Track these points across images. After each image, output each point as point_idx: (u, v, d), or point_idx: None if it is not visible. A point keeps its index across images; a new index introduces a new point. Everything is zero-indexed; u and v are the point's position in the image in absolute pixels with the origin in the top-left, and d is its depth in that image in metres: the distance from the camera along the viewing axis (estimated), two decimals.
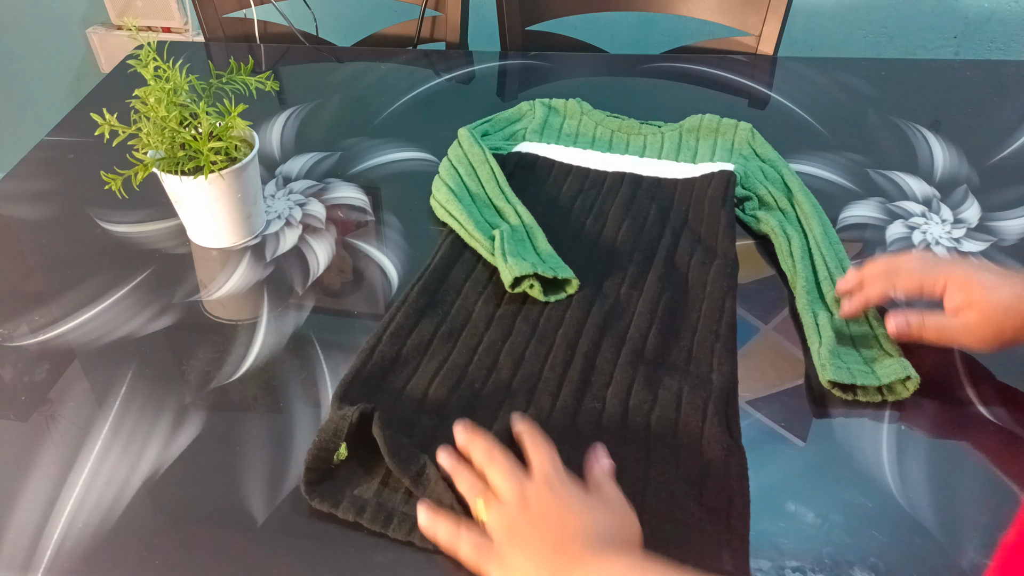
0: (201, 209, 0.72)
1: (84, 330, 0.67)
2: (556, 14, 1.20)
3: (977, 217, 0.77)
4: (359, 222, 0.79)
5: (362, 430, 0.54)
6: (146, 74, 0.67)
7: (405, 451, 0.52)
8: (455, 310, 0.66)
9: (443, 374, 0.60)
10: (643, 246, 0.72)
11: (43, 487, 0.55)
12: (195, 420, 0.59)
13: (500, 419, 0.57)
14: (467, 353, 0.62)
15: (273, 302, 0.70)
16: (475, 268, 0.70)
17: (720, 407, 0.57)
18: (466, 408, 0.58)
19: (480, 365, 0.61)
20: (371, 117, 0.96)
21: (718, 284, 0.68)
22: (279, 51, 1.13)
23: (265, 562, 0.50)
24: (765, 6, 1.10)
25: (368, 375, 0.59)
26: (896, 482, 0.54)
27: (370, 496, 0.52)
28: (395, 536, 0.50)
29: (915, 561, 0.49)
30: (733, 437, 0.55)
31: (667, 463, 0.54)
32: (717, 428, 0.55)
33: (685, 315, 0.66)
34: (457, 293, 0.67)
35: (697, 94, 1.00)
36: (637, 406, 0.58)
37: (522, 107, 0.91)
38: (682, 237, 0.73)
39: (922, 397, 0.59)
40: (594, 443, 0.54)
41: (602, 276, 0.69)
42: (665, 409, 0.57)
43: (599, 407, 0.58)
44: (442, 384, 0.59)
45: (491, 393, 0.59)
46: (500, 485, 0.50)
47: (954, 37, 1.41)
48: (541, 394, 0.59)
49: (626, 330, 0.64)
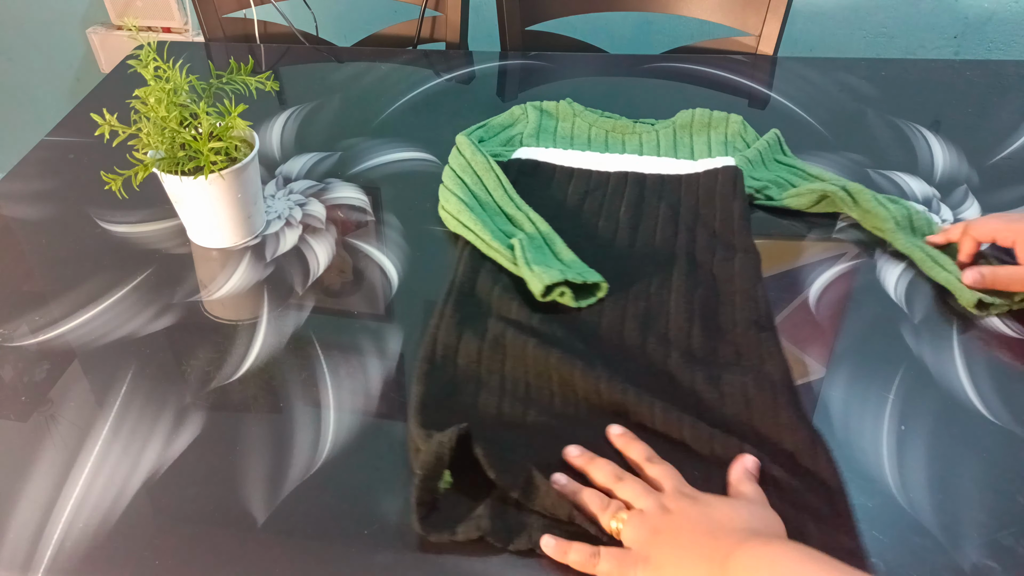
0: (201, 209, 0.72)
1: (84, 330, 0.67)
2: (556, 14, 1.20)
3: (977, 217, 0.77)
4: (359, 222, 0.79)
5: (455, 452, 0.52)
6: (146, 74, 0.67)
7: (508, 464, 0.51)
8: (492, 322, 0.64)
9: (510, 388, 0.59)
10: (661, 245, 0.72)
11: (43, 487, 0.55)
12: (195, 420, 0.59)
13: (588, 431, 0.56)
14: (521, 362, 0.61)
15: (273, 302, 0.70)
16: (500, 277, 0.69)
17: (786, 394, 0.57)
18: (545, 419, 0.57)
19: (540, 375, 0.60)
20: (371, 117, 0.96)
21: (746, 276, 0.68)
22: (279, 51, 1.13)
23: (265, 562, 0.50)
24: (765, 6, 1.10)
25: (438, 398, 0.58)
26: (896, 482, 0.54)
27: (485, 513, 0.50)
28: (517, 548, 0.49)
29: (915, 561, 0.49)
30: (808, 420, 0.56)
31: (756, 457, 0.53)
32: (793, 415, 0.55)
33: (721, 310, 0.65)
34: (489, 306, 0.66)
35: (697, 94, 1.00)
36: (707, 405, 0.57)
37: (514, 111, 0.91)
38: (697, 234, 0.73)
39: (922, 397, 0.59)
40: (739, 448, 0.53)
41: (627, 279, 0.68)
42: (736, 406, 0.57)
43: (674, 411, 0.56)
44: (513, 396, 0.58)
45: (564, 402, 0.58)
46: (636, 498, 0.49)
47: (954, 37, 1.41)
48: (608, 401, 0.57)
49: (666, 330, 0.64)
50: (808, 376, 0.61)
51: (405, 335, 0.66)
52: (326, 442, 0.57)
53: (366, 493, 0.54)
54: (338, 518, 0.52)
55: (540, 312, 0.65)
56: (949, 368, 0.61)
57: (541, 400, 0.58)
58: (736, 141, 0.85)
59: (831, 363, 0.62)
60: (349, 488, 0.54)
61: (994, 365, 0.62)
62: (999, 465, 0.55)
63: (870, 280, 0.70)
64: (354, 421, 0.59)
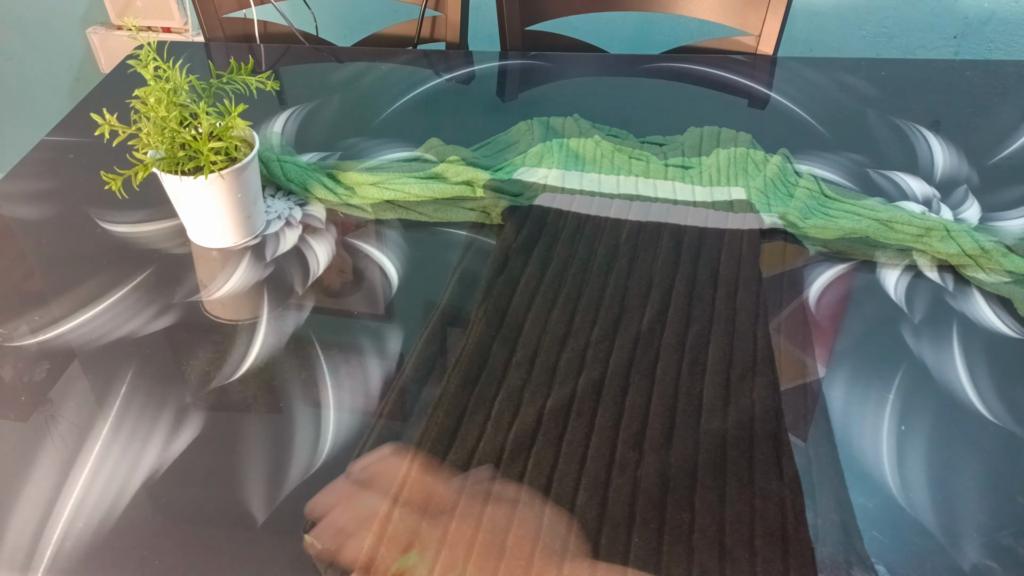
0: (201, 209, 0.72)
1: (84, 330, 0.67)
2: (556, 14, 1.20)
3: (977, 217, 0.77)
4: (359, 222, 0.79)
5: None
6: (146, 74, 0.67)
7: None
8: (466, 356, 0.62)
9: (465, 423, 0.57)
10: (660, 277, 0.70)
11: (43, 487, 0.55)
12: (195, 420, 0.59)
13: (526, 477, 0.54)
14: (486, 405, 0.59)
15: (273, 302, 0.70)
16: (487, 309, 0.67)
17: (767, 448, 0.55)
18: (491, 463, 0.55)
19: (499, 416, 0.58)
20: (371, 117, 0.96)
21: (745, 315, 0.65)
22: (279, 51, 1.13)
23: (265, 562, 0.50)
24: (765, 6, 1.10)
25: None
26: (896, 482, 0.54)
27: None
28: None
29: (915, 561, 0.49)
30: (784, 479, 0.53)
31: (713, 514, 0.51)
32: (764, 473, 0.53)
33: (714, 351, 0.62)
34: (468, 336, 0.64)
35: (697, 94, 1.00)
36: (680, 458, 0.55)
37: (520, 128, 0.90)
38: (699, 267, 0.71)
39: (922, 397, 0.59)
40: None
41: (619, 309, 0.67)
42: (712, 455, 0.55)
43: (635, 457, 0.55)
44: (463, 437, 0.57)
45: (515, 446, 0.56)
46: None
47: (954, 37, 1.41)
48: (570, 445, 0.55)
49: (653, 368, 0.61)
50: (808, 376, 0.61)
51: (405, 335, 0.66)
52: (326, 442, 0.57)
53: None
54: None
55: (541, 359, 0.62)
56: (949, 368, 0.61)
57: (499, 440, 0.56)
58: (747, 164, 0.83)
59: (831, 363, 0.62)
60: None
61: (994, 365, 0.62)
62: (999, 465, 0.55)
63: (870, 280, 0.70)
64: (354, 421, 0.59)
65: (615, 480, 0.53)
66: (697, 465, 0.54)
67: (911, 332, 0.65)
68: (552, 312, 0.67)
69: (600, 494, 0.53)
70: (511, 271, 0.71)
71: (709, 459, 0.55)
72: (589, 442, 0.56)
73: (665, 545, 0.50)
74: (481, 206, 0.79)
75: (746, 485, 0.53)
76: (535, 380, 0.61)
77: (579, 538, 0.50)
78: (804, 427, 0.58)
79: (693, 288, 0.69)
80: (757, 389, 0.59)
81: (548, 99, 0.99)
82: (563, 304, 0.67)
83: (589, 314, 0.66)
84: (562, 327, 0.65)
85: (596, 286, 0.69)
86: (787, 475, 0.53)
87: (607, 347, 0.63)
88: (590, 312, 0.67)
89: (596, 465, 0.54)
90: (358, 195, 0.80)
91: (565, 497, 0.52)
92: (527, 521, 0.50)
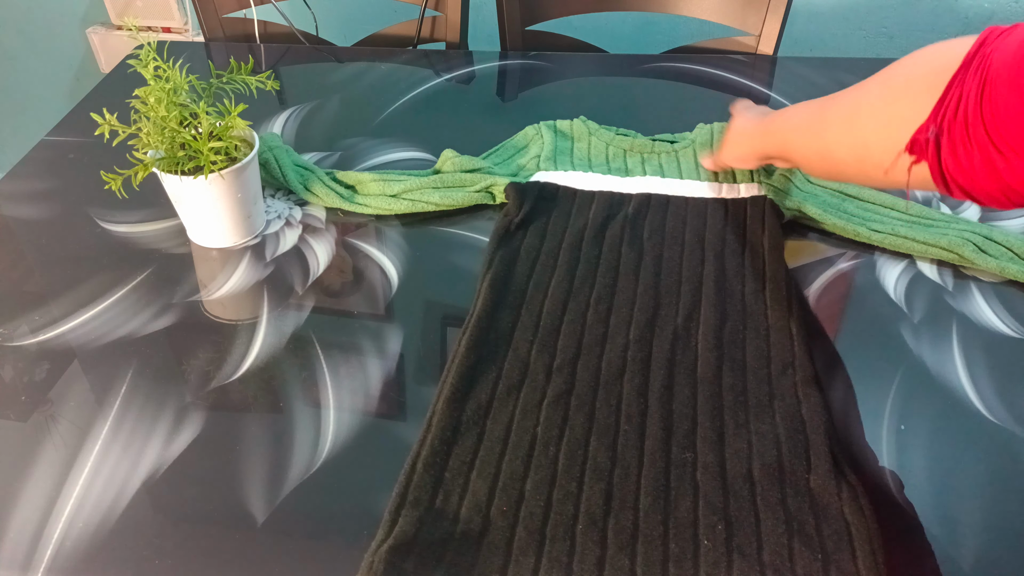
0: (201, 209, 0.72)
1: (84, 330, 0.67)
2: (556, 14, 1.20)
3: (977, 217, 0.77)
4: (359, 222, 0.79)
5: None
6: (146, 74, 0.67)
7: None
8: (508, 364, 0.61)
9: (512, 442, 0.55)
10: (688, 274, 0.69)
11: (43, 487, 0.55)
12: (195, 420, 0.59)
13: (586, 490, 0.53)
14: (533, 412, 0.57)
15: (273, 302, 0.70)
16: (520, 315, 0.65)
17: (821, 448, 0.53)
18: (547, 479, 0.53)
19: (550, 424, 0.56)
20: (371, 117, 0.96)
21: (778, 312, 0.64)
22: (279, 51, 1.13)
23: (265, 562, 0.50)
24: (765, 6, 1.10)
25: (432, 451, 0.54)
26: (896, 482, 0.54)
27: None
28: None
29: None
30: (846, 479, 0.52)
31: (777, 517, 0.50)
32: (825, 474, 0.52)
33: (751, 348, 0.62)
34: (508, 345, 0.63)
35: (697, 94, 1.00)
36: (734, 456, 0.54)
37: (528, 132, 0.88)
38: (726, 262, 0.70)
39: (922, 397, 0.59)
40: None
41: (652, 308, 0.66)
42: (765, 457, 0.54)
43: (690, 457, 0.54)
44: (515, 454, 0.55)
45: (569, 455, 0.54)
46: None
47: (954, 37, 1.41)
48: (624, 450, 0.55)
49: (694, 367, 0.60)
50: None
51: (405, 335, 0.66)
52: (326, 442, 0.57)
53: (366, 493, 0.54)
54: (338, 518, 0.52)
55: (560, 354, 0.62)
56: (949, 368, 0.61)
57: (547, 454, 0.55)
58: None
59: (831, 363, 0.62)
60: (349, 488, 0.54)
61: (994, 365, 0.62)
62: (999, 465, 0.55)
63: (870, 280, 0.70)
64: (354, 421, 0.59)
65: (674, 483, 0.53)
66: (752, 467, 0.53)
67: (911, 332, 0.65)
68: (586, 312, 0.66)
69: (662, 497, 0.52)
70: (526, 252, 0.71)
71: (761, 461, 0.54)
72: (643, 445, 0.55)
73: (735, 548, 0.49)
74: (485, 187, 0.79)
75: (804, 493, 0.52)
76: (579, 387, 0.60)
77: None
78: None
79: (724, 282, 0.68)
80: (800, 387, 0.59)
81: (548, 99, 0.99)
82: (594, 304, 0.66)
83: (624, 313, 0.65)
84: (599, 327, 0.65)
85: (627, 287, 0.68)
86: (848, 481, 0.52)
87: (646, 348, 0.62)
88: (624, 311, 0.66)
89: (655, 469, 0.54)
90: (372, 206, 0.79)
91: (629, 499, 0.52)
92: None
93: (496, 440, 0.55)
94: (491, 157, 0.86)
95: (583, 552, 0.49)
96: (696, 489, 0.52)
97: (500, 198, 0.79)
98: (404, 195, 0.79)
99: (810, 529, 0.49)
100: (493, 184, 0.79)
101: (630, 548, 0.49)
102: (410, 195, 0.79)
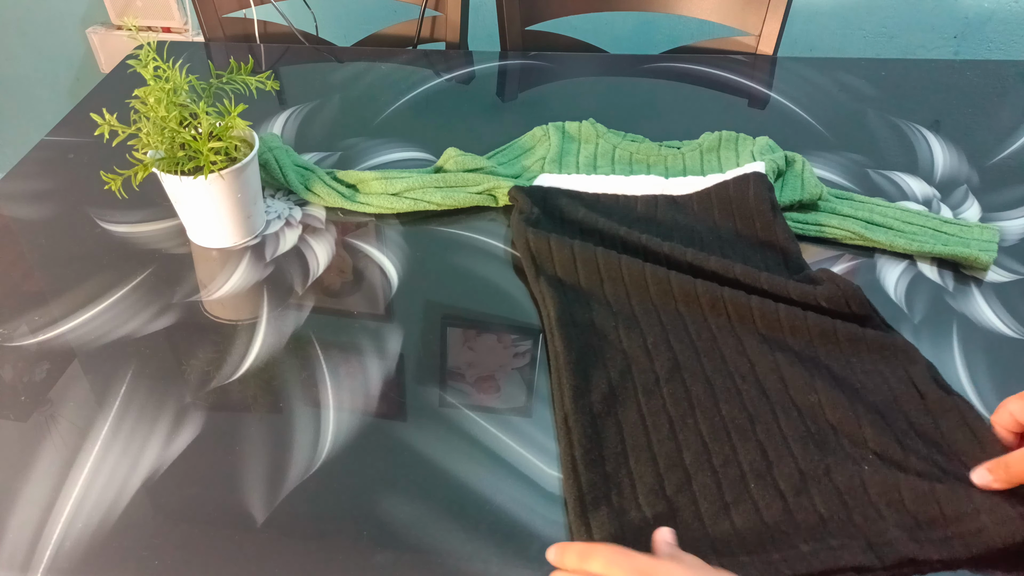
0: (201, 209, 0.72)
1: (84, 330, 0.67)
2: (556, 14, 1.20)
3: (977, 217, 0.77)
4: (359, 222, 0.79)
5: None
6: (146, 74, 0.67)
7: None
8: (608, 353, 0.62)
9: (651, 423, 0.56)
10: (719, 271, 0.67)
11: (43, 487, 0.55)
12: (195, 420, 0.59)
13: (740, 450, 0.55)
14: (655, 392, 0.59)
15: (273, 302, 0.70)
16: (591, 305, 0.66)
17: (923, 376, 0.58)
18: (702, 450, 0.55)
19: (676, 399, 0.58)
20: (371, 117, 0.96)
21: (835, 300, 0.64)
22: (279, 51, 1.13)
23: (265, 562, 0.50)
24: (765, 6, 1.10)
25: (584, 449, 0.55)
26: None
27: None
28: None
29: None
30: (952, 397, 0.56)
31: (911, 437, 0.54)
32: (938, 396, 0.56)
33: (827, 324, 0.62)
34: (596, 335, 0.63)
35: (697, 94, 1.00)
36: (852, 393, 0.57)
37: (536, 133, 0.88)
38: (749, 256, 0.70)
39: None
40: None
41: (710, 274, 0.66)
42: (878, 394, 0.58)
43: (815, 399, 0.57)
44: (659, 434, 0.56)
45: (709, 423, 0.56)
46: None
47: (954, 37, 1.41)
48: (756, 407, 0.57)
49: (776, 317, 0.62)
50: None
51: (405, 335, 0.66)
52: (326, 442, 0.57)
53: (366, 493, 0.54)
54: (338, 518, 0.52)
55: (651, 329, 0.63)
56: (949, 368, 0.61)
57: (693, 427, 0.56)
58: (765, 156, 0.81)
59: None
60: (349, 488, 0.54)
61: (994, 365, 0.62)
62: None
63: (870, 280, 0.70)
64: (354, 421, 0.59)
65: (812, 426, 0.56)
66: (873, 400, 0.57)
67: (911, 332, 0.65)
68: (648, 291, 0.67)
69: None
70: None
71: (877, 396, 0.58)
72: (770, 398, 0.58)
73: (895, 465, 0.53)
74: (487, 189, 0.79)
75: (924, 412, 0.56)
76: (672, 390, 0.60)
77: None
78: None
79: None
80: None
81: (548, 99, 0.99)
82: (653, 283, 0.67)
83: (687, 287, 0.66)
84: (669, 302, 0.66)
85: (678, 263, 0.68)
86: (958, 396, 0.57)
87: (723, 312, 0.64)
88: (687, 285, 0.66)
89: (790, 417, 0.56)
90: (374, 205, 0.79)
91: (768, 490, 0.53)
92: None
93: (634, 425, 0.57)
94: (497, 156, 0.86)
95: (768, 506, 0.51)
96: (834, 429, 0.55)
97: (503, 201, 0.79)
98: (406, 194, 0.79)
99: (936, 437, 0.54)
100: (496, 187, 0.79)
101: (805, 492, 0.52)
102: (412, 194, 0.79)
